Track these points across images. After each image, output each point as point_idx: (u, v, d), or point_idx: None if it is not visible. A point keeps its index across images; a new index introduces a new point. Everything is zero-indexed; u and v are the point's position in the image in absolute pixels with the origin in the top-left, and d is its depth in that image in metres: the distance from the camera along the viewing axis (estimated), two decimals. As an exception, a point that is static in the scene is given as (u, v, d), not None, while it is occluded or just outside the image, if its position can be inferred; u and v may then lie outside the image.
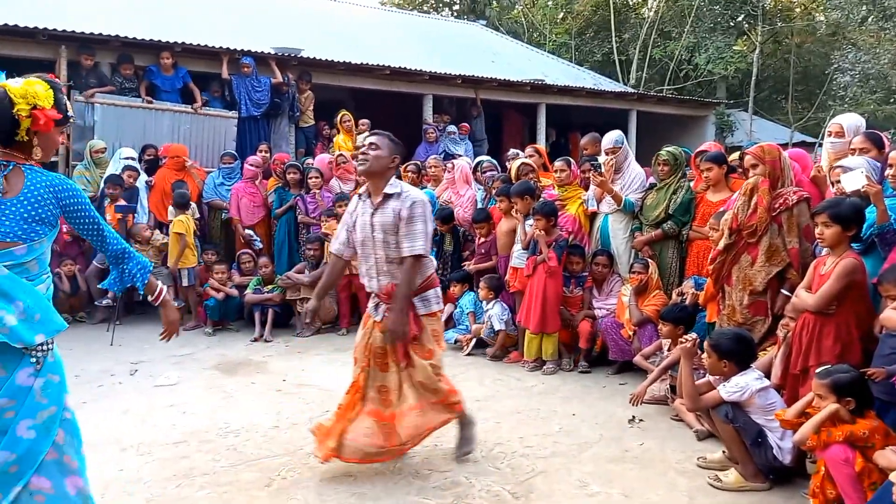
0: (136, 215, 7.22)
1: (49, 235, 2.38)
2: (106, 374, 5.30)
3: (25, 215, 2.29)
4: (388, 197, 3.47)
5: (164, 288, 2.75)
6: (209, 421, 4.30)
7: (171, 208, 7.24)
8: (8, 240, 2.26)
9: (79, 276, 7.11)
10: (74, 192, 2.42)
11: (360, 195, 3.66)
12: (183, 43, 9.06)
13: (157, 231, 7.33)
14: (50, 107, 2.33)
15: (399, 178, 4.06)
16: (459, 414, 3.67)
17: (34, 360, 2.31)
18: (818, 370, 3.13)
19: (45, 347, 2.34)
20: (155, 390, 4.94)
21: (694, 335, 3.73)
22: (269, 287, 6.84)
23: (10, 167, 2.33)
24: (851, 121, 4.45)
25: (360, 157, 3.54)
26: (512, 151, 8.14)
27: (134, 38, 8.74)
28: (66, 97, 2.47)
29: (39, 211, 2.32)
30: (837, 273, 3.34)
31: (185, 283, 6.97)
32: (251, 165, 7.63)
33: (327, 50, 10.97)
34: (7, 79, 2.35)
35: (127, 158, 7.69)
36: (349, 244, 3.66)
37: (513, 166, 6.51)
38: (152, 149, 8.25)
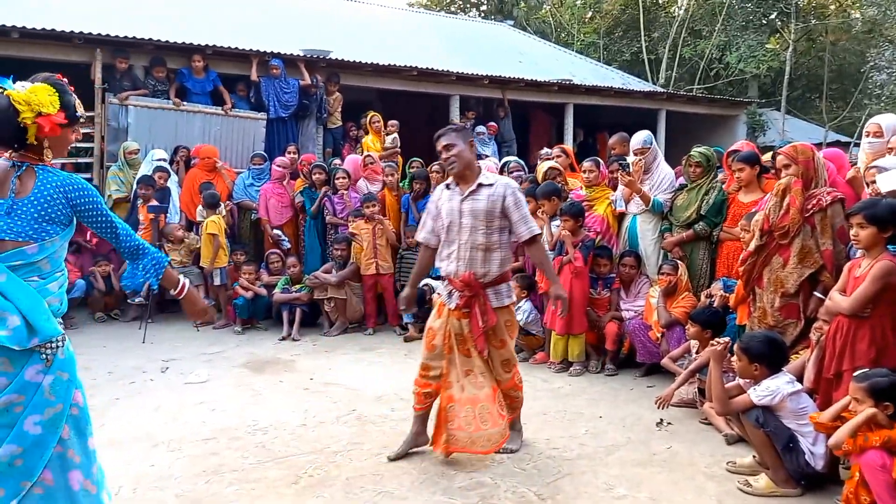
0: (167, 215, 7.35)
1: (62, 234, 2.42)
2: (138, 371, 5.40)
3: (36, 215, 2.35)
4: (481, 185, 3.61)
5: (186, 281, 2.74)
6: (238, 418, 4.35)
7: (200, 208, 7.35)
8: (20, 239, 2.33)
9: (112, 276, 7.25)
10: (84, 191, 2.44)
11: (447, 185, 3.77)
12: (214, 46, 9.19)
13: (192, 233, 7.43)
14: (56, 111, 2.36)
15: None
16: (515, 417, 3.89)
17: (44, 357, 2.35)
18: (856, 373, 3.06)
19: (54, 345, 2.38)
20: (185, 387, 5.02)
21: (726, 338, 3.65)
22: (297, 286, 6.91)
23: (23, 168, 2.39)
24: (890, 121, 4.36)
25: (446, 161, 3.64)
26: (545, 151, 8.11)
27: (166, 42, 8.90)
28: (74, 97, 2.49)
29: (49, 210, 2.37)
30: (873, 275, 3.26)
31: (216, 282, 7.08)
32: (278, 166, 7.71)
33: (355, 51, 11.05)
34: (15, 83, 2.38)
35: (159, 160, 7.84)
36: (434, 232, 3.80)
37: (540, 169, 6.49)
38: (184, 149, 8.39)
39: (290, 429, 4.17)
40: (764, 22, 19.44)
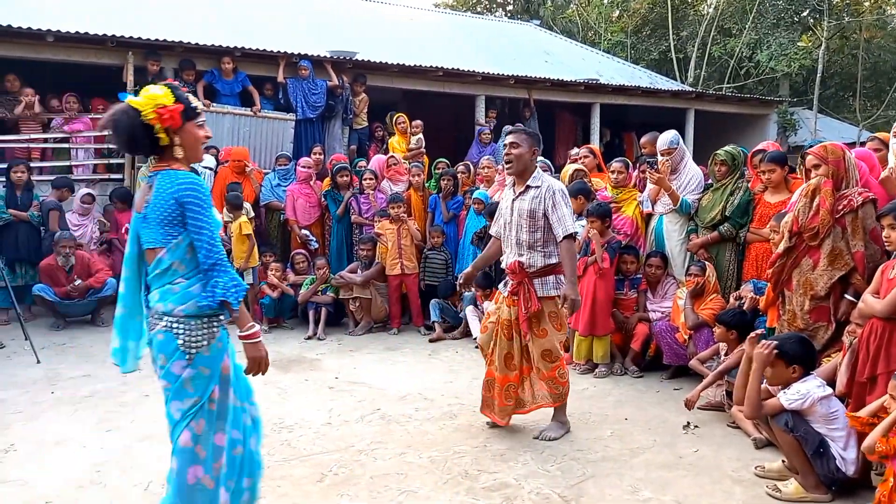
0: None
1: (184, 235, 2.51)
2: (167, 368, 5.48)
3: (158, 220, 2.50)
4: (529, 187, 3.93)
5: (257, 326, 2.65)
6: (264, 416, 4.31)
7: (225, 210, 7.45)
8: (155, 246, 2.52)
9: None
10: (193, 189, 2.50)
11: (508, 182, 4.16)
12: (242, 48, 9.32)
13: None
14: (172, 103, 2.48)
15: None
16: (559, 408, 4.15)
17: (188, 355, 2.50)
18: None
19: (198, 344, 2.51)
20: (213, 385, 5.08)
21: (774, 342, 3.50)
22: (322, 286, 6.96)
23: (155, 177, 2.53)
24: None
25: (505, 157, 3.97)
26: (574, 151, 8.07)
27: (196, 44, 9.04)
28: (187, 94, 2.61)
29: (166, 215, 2.49)
30: None
31: (248, 281, 7.17)
32: (303, 167, 7.75)
33: (381, 52, 11.11)
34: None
35: (206, 168, 8.00)
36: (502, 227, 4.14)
37: (566, 171, 6.46)
38: (214, 149, 8.52)
39: (315, 427, 4.20)
40: (796, 19, 19.09)
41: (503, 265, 4.11)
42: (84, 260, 6.92)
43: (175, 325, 2.49)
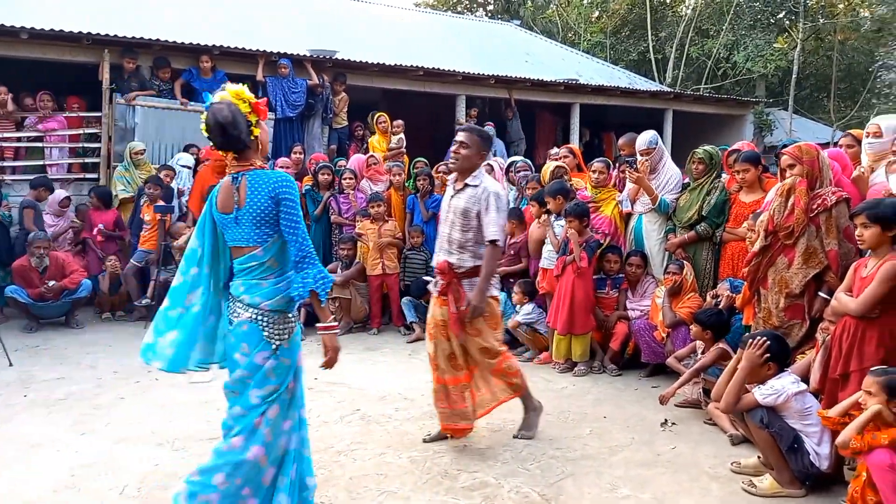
0: (172, 215, 7.36)
1: (279, 233, 2.70)
2: (144, 370, 5.39)
3: (254, 221, 2.66)
4: (467, 186, 3.82)
5: (337, 323, 2.94)
6: (242, 417, 4.36)
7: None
8: (249, 244, 2.68)
9: (120, 275, 7.28)
10: (287, 187, 2.68)
11: (451, 178, 4.02)
12: (221, 46, 9.24)
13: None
14: (254, 99, 2.72)
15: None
16: (522, 396, 4.07)
17: (273, 346, 2.70)
18: (873, 368, 3.04)
19: (281, 336, 2.71)
20: (190, 387, 5.03)
21: (765, 339, 3.53)
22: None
23: (240, 179, 2.69)
24: (890, 122, 4.38)
25: (452, 154, 3.86)
26: (553, 151, 8.11)
27: (174, 42, 8.94)
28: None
29: (263, 215, 2.65)
30: (881, 276, 3.23)
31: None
32: (281, 167, 7.68)
33: (361, 51, 11.08)
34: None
35: (184, 167, 7.92)
36: None
37: (546, 168, 6.49)
38: (195, 148, 8.44)
39: (295, 428, 4.17)
40: (772, 21, 19.34)
41: (432, 263, 4.00)
42: (58, 261, 6.81)
43: (260, 317, 2.68)
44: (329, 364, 2.77)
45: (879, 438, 2.84)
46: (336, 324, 2.81)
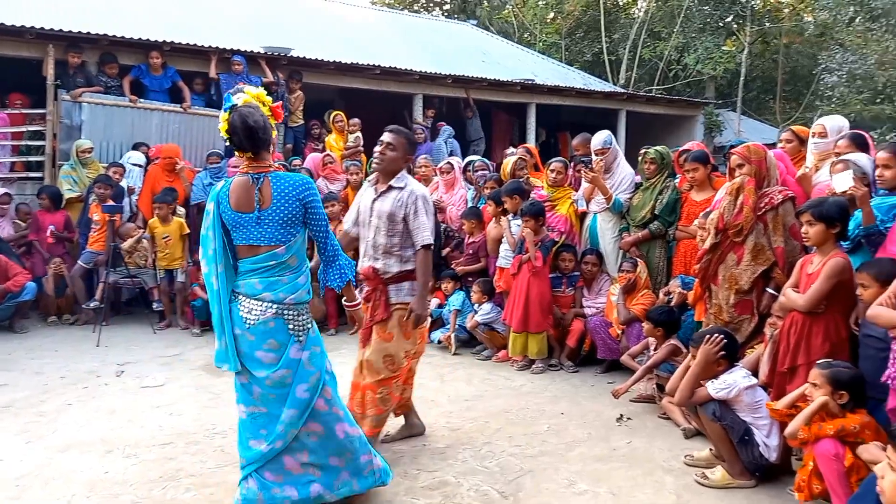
0: (122, 215, 7.15)
1: (302, 232, 2.90)
2: (92, 375, 5.26)
3: (280, 221, 2.80)
4: (391, 188, 3.71)
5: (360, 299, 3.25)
6: (196, 422, 4.28)
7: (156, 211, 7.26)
8: (271, 243, 2.81)
9: (66, 277, 7.06)
10: (313, 191, 2.87)
11: (370, 180, 3.89)
12: (172, 42, 9.01)
13: (144, 240, 7.18)
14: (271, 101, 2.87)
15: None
16: (369, 437, 3.48)
17: (298, 339, 2.89)
18: (820, 361, 3.14)
19: (305, 327, 2.93)
20: (142, 391, 4.91)
21: (721, 336, 3.62)
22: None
23: (261, 180, 2.81)
24: (834, 122, 4.53)
25: (377, 155, 3.73)
26: (510, 150, 8.15)
27: (122, 37, 8.69)
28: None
29: (291, 216, 2.81)
30: (826, 273, 3.34)
31: (180, 279, 6.96)
32: (234, 167, 7.53)
33: (317, 49, 10.95)
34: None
35: (135, 165, 7.69)
36: (356, 223, 3.91)
37: (507, 164, 6.52)
38: (144, 146, 8.22)
39: (251, 431, 4.10)
40: (720, 24, 19.82)
41: (358, 268, 3.75)
42: (1, 263, 6.55)
43: (286, 311, 2.85)
44: (356, 328, 3.31)
45: (825, 429, 2.95)
46: (360, 300, 3.20)
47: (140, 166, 7.80)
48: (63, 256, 7.21)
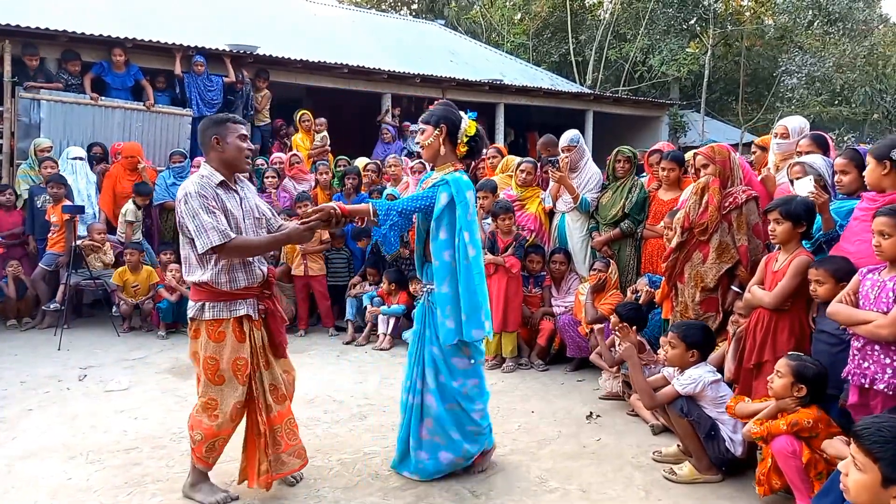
0: (83, 215, 6.97)
1: None
2: (53, 379, 5.13)
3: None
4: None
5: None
6: (162, 426, 4.20)
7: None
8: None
9: (25, 280, 6.87)
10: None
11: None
12: (134, 39, 8.84)
13: (108, 249, 7.03)
14: None
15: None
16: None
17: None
18: (790, 353, 3.21)
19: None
20: (105, 395, 4.81)
21: (632, 336, 3.77)
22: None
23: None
24: (795, 123, 4.64)
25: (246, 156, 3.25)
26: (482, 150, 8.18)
27: (83, 34, 8.50)
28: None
29: None
30: (792, 271, 3.39)
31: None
32: (196, 167, 7.42)
33: (284, 47, 10.84)
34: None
35: (75, 159, 7.48)
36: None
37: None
38: (98, 146, 8.02)
39: (219, 435, 4.03)
40: (684, 27, 20.16)
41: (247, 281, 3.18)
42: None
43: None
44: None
45: (778, 424, 3.01)
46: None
47: (82, 159, 7.57)
48: (22, 259, 7.01)
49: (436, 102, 3.64)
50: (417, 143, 3.68)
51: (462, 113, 3.40)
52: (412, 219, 3.41)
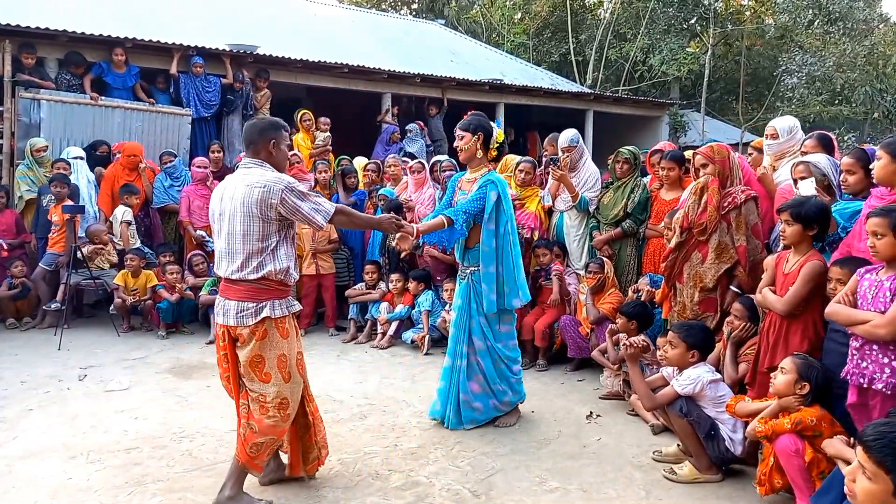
0: (83, 215, 6.97)
1: None
2: (54, 379, 5.13)
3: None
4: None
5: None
6: (162, 426, 4.20)
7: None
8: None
9: (26, 280, 6.87)
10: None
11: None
12: (134, 39, 8.84)
13: (112, 249, 7.03)
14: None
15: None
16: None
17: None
18: (798, 353, 3.19)
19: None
20: (106, 395, 4.81)
21: (639, 339, 3.74)
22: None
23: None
24: (784, 123, 4.68)
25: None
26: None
27: (83, 33, 8.50)
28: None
29: None
30: (803, 277, 3.34)
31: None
32: (199, 167, 7.38)
33: (284, 47, 10.84)
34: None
35: (76, 158, 7.48)
36: None
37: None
38: (105, 145, 8.03)
39: (218, 435, 4.04)
40: (684, 26, 20.16)
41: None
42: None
43: None
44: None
45: (782, 423, 3.01)
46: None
47: (81, 159, 7.57)
48: (21, 258, 7.01)
49: (469, 113, 4.28)
50: (456, 146, 4.14)
51: (493, 123, 4.13)
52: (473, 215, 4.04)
